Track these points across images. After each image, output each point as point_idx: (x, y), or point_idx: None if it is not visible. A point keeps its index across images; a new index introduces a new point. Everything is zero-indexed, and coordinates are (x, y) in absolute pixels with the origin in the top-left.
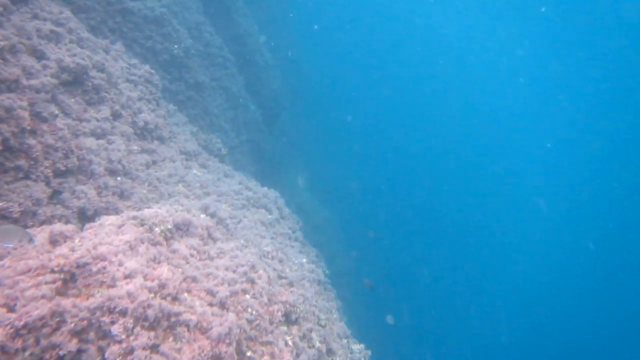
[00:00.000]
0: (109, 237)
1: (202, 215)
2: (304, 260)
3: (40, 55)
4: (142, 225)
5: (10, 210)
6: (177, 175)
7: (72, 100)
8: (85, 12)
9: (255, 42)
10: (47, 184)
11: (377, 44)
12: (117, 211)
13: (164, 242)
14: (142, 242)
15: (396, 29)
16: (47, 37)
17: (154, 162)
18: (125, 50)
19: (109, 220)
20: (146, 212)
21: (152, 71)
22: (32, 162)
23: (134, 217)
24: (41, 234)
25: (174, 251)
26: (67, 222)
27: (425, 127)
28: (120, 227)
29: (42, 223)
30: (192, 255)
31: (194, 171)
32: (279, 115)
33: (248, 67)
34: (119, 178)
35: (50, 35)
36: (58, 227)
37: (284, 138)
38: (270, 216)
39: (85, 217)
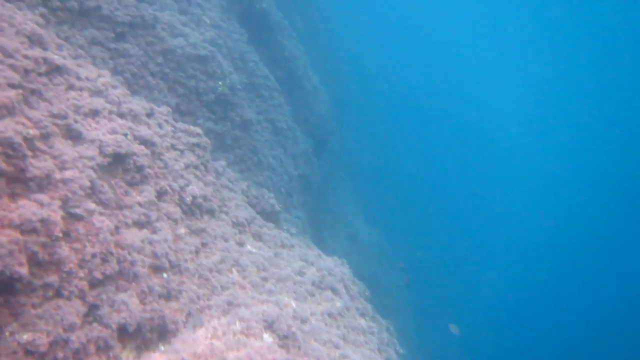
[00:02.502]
0: None
1: (266, 336)
2: None
3: (76, 136)
4: None
5: (37, 343)
6: (231, 258)
7: (113, 182)
8: (125, 57)
9: (302, 65)
10: (82, 299)
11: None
12: (163, 320)
13: None
14: None
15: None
16: (84, 112)
17: (204, 245)
18: (171, 110)
19: None
20: (200, 349)
21: (200, 132)
22: (64, 276)
23: None
24: None
25: None
26: (106, 345)
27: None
28: None
29: (74, 353)
30: None
31: (248, 247)
32: (328, 140)
33: (294, 93)
34: (165, 275)
35: (87, 109)
36: None
37: (331, 161)
38: (338, 304)
39: (126, 334)
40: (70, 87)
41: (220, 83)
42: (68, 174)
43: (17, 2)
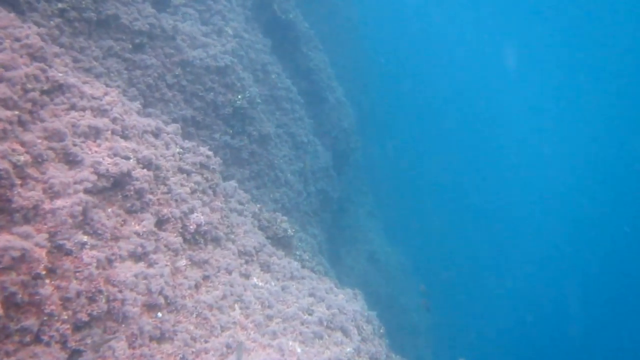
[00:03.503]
0: None
1: None
2: None
3: (73, 161)
4: None
5: None
6: (234, 294)
7: (110, 210)
8: (142, 69)
9: (326, 77)
10: (63, 344)
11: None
12: None
13: None
14: None
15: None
16: (84, 134)
17: (206, 278)
18: (179, 128)
19: None
20: None
21: (210, 153)
22: (45, 319)
23: None
24: None
25: None
26: None
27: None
28: None
29: None
30: None
31: (255, 279)
32: (350, 155)
33: (317, 105)
34: (159, 314)
35: (88, 130)
36: None
37: (353, 175)
38: (349, 349)
39: None
40: (72, 106)
41: (239, 96)
42: (59, 203)
43: (31, 12)
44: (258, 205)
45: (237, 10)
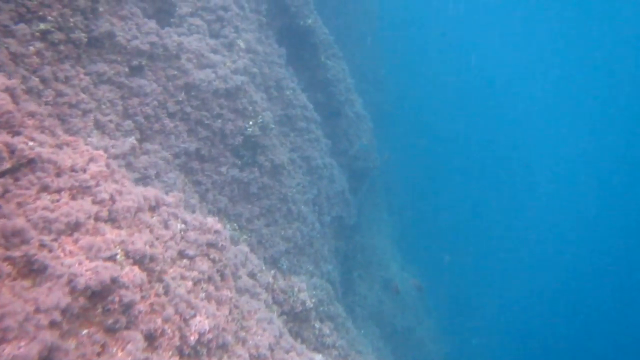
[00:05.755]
0: None
1: None
2: None
3: (38, 271)
4: None
5: None
6: None
7: (85, 333)
8: (140, 96)
9: (345, 89)
10: None
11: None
12: None
13: None
14: None
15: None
16: (56, 230)
17: None
18: (183, 197)
19: None
20: None
21: (219, 227)
22: None
23: None
24: None
25: None
26: None
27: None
28: None
29: None
30: None
31: None
32: (368, 175)
33: (334, 120)
34: None
35: (63, 225)
36: None
37: (368, 190)
38: None
39: None
40: (45, 188)
41: (250, 123)
42: (7, 352)
43: (6, 38)
44: (272, 273)
45: (251, 18)
